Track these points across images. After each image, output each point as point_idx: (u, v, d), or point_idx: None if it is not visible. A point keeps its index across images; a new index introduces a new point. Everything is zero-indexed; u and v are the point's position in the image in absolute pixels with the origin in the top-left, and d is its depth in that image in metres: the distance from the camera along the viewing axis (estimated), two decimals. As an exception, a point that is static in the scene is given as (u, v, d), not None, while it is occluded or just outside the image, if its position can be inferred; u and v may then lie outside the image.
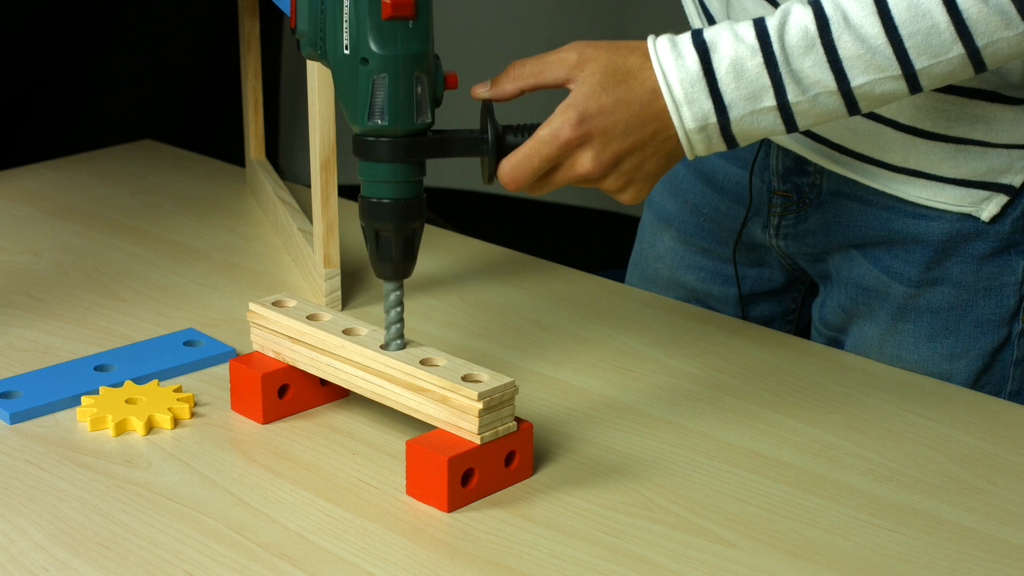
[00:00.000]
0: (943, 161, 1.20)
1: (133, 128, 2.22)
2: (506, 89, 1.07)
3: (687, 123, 1.04)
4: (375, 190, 1.05)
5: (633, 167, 1.06)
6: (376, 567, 0.95)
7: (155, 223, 1.54)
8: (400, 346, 1.06)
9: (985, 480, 1.06)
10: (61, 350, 1.24)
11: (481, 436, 1.00)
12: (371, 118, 1.03)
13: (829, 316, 1.34)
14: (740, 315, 1.40)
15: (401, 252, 1.06)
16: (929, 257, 1.24)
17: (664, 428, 1.13)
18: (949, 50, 1.02)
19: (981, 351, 1.25)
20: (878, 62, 1.03)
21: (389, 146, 1.04)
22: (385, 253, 1.06)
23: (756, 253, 1.38)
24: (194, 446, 1.09)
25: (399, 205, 1.04)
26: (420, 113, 1.03)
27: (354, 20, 1.01)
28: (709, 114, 1.04)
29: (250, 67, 1.59)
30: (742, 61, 1.03)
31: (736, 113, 1.04)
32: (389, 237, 1.05)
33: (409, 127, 1.03)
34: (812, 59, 1.03)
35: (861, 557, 0.97)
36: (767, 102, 1.04)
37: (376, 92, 1.02)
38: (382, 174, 1.04)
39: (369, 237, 1.06)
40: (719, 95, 1.03)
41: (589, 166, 1.04)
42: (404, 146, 1.04)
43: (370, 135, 1.03)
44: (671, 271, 1.43)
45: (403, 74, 1.02)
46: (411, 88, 1.02)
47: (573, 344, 1.27)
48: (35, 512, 1.00)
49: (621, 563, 0.95)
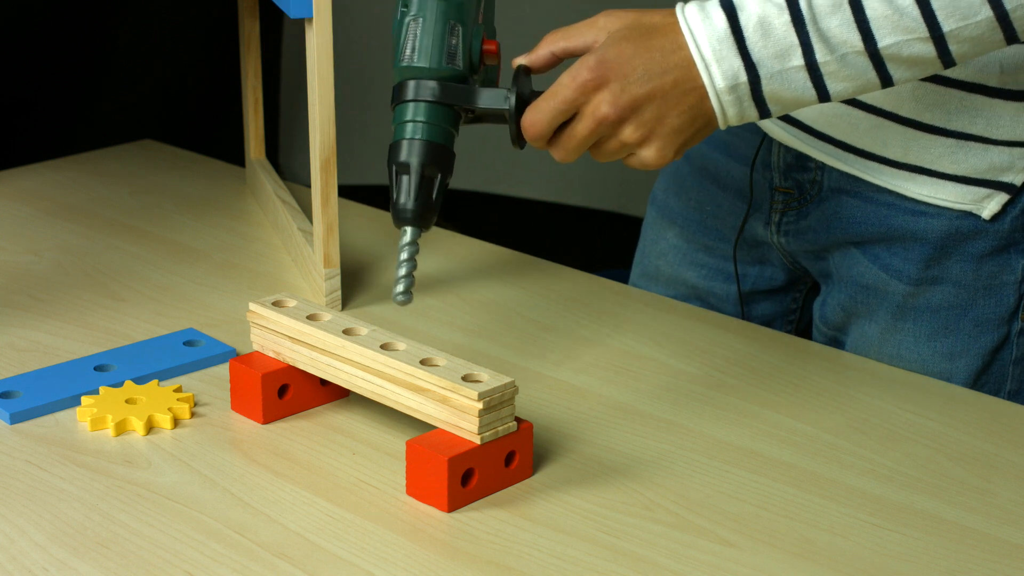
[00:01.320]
0: (944, 156, 1.20)
1: (133, 128, 2.22)
2: (540, 54, 1.09)
3: (717, 82, 1.04)
4: (401, 131, 1.06)
5: (654, 117, 1.05)
6: (376, 567, 0.95)
7: (155, 223, 1.54)
8: (405, 300, 1.06)
9: (985, 480, 1.06)
10: (61, 350, 1.24)
11: (481, 436, 1.00)
12: (403, 59, 1.05)
13: (829, 315, 1.34)
14: (740, 313, 1.40)
15: (417, 189, 1.06)
16: (928, 255, 1.24)
17: (664, 428, 1.13)
18: (977, 12, 1.02)
19: (981, 350, 1.25)
20: (905, 23, 1.02)
21: (416, 84, 1.05)
22: (403, 192, 1.06)
23: (758, 251, 1.38)
24: (194, 446, 1.09)
25: (423, 144, 1.06)
26: (451, 59, 1.05)
27: None
28: (739, 72, 1.04)
29: (250, 67, 1.59)
30: (769, 19, 1.03)
31: (765, 71, 1.04)
32: (408, 177, 1.06)
33: (438, 70, 1.05)
34: (839, 19, 1.03)
35: (861, 557, 0.97)
36: (795, 61, 1.04)
37: (410, 32, 1.06)
38: (408, 113, 1.06)
39: (391, 180, 1.07)
40: (747, 52, 1.04)
41: (606, 109, 1.04)
42: (430, 87, 1.05)
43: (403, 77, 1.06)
44: (673, 268, 1.43)
45: (438, 18, 1.05)
46: (444, 33, 1.05)
47: (573, 344, 1.27)
48: (35, 512, 1.00)
49: (621, 563, 0.95)
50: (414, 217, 1.07)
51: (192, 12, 2.74)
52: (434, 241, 1.49)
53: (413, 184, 1.05)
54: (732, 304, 1.41)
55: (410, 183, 1.05)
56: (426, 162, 1.06)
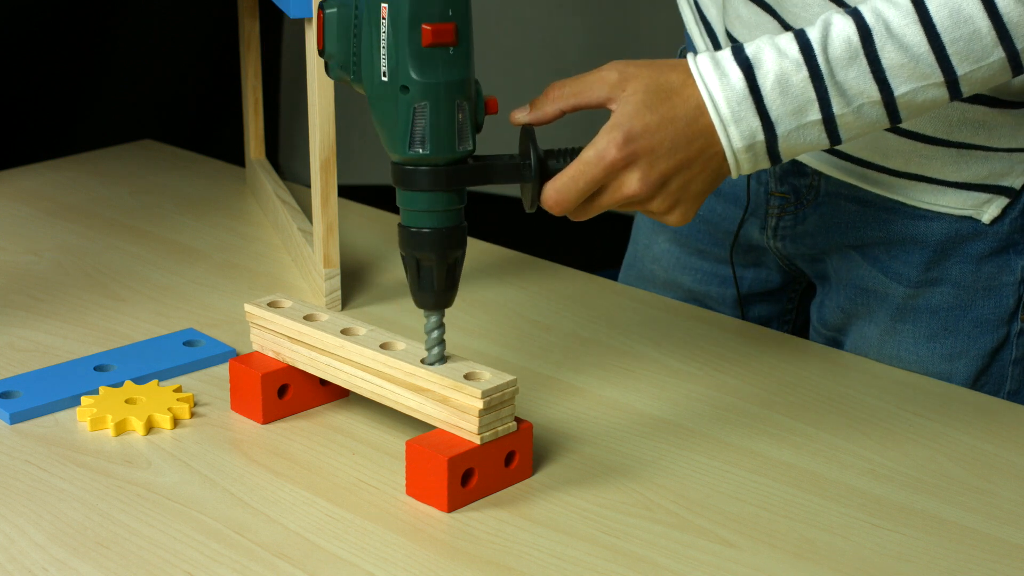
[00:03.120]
0: (945, 166, 1.20)
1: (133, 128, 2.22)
2: (546, 112, 1.05)
3: (735, 142, 1.03)
4: (416, 219, 1.02)
5: (680, 186, 1.04)
6: (376, 567, 0.95)
7: (155, 223, 1.54)
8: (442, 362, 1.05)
9: (985, 480, 1.06)
10: (61, 350, 1.24)
11: (481, 436, 1.00)
12: (412, 147, 1.00)
13: (828, 316, 1.33)
14: (739, 316, 1.40)
15: (443, 282, 1.03)
16: (928, 257, 1.24)
17: (664, 428, 1.13)
18: (990, 55, 1.01)
19: (980, 351, 1.25)
20: (921, 70, 1.02)
21: (430, 175, 1.01)
22: (426, 283, 1.03)
23: (753, 254, 1.38)
24: (194, 446, 1.09)
25: (441, 234, 1.02)
26: (462, 141, 1.00)
27: (392, 46, 0.99)
28: (757, 132, 1.03)
29: (250, 67, 1.59)
30: (787, 76, 1.02)
31: (783, 129, 1.03)
32: (431, 267, 1.03)
33: (451, 155, 1.00)
34: (856, 70, 1.02)
35: (861, 557, 0.97)
36: (812, 115, 1.03)
37: (417, 120, 1.00)
38: (423, 203, 1.01)
39: (410, 267, 1.03)
40: (766, 112, 1.02)
41: (636, 187, 1.02)
42: (445, 175, 1.01)
43: (410, 164, 1.01)
44: (667, 273, 1.43)
45: (444, 102, 0.99)
46: (453, 116, 1.00)
47: (573, 344, 1.27)
48: (35, 512, 1.00)
49: (621, 563, 0.95)
50: (440, 303, 1.05)
51: (192, 12, 2.74)
52: (434, 241, 1.49)
53: (437, 274, 1.03)
54: (729, 307, 1.41)
55: (433, 273, 1.03)
56: (448, 250, 1.03)
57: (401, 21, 0.97)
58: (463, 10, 0.98)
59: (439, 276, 1.03)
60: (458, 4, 0.98)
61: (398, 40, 0.98)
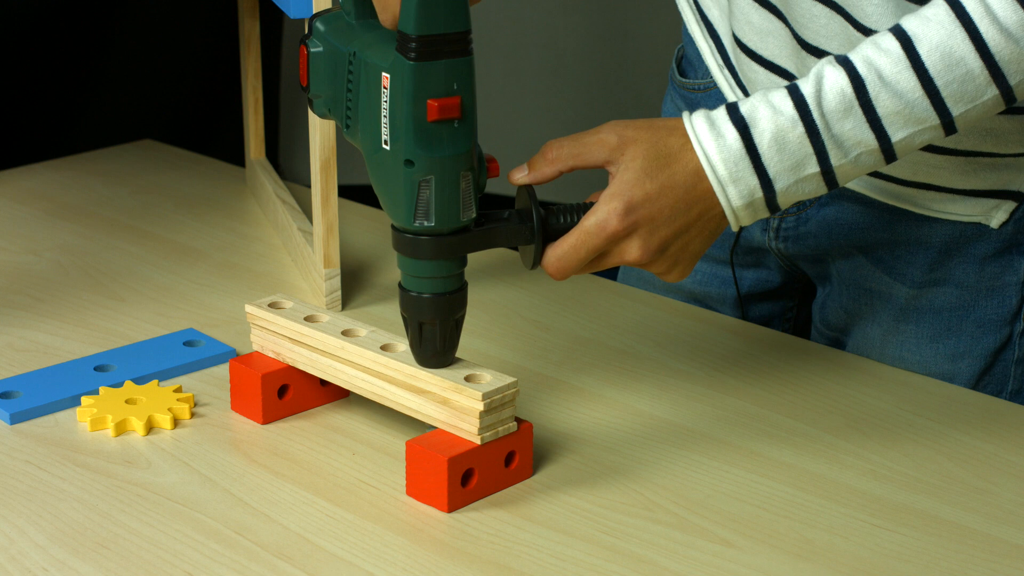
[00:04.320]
0: (953, 175, 1.20)
1: (133, 128, 2.22)
2: (545, 172, 1.05)
3: (734, 202, 1.03)
4: (418, 285, 1.02)
5: (679, 249, 1.05)
6: (376, 567, 0.95)
7: (155, 223, 1.54)
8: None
9: (985, 480, 1.06)
10: (61, 350, 1.24)
11: (481, 436, 1.00)
12: (416, 219, 0.99)
13: (831, 317, 1.33)
14: (739, 316, 1.40)
15: (445, 343, 1.03)
16: (932, 258, 1.24)
17: (664, 428, 1.13)
18: (984, 93, 1.01)
19: (983, 351, 1.24)
20: (917, 115, 1.01)
21: (434, 245, 1.00)
22: (428, 345, 1.03)
23: (753, 255, 1.37)
24: (194, 446, 1.09)
25: (443, 299, 1.02)
26: (466, 210, 1.00)
27: (395, 117, 0.97)
28: (755, 190, 1.03)
29: (250, 67, 1.59)
30: (783, 133, 1.02)
31: (781, 185, 1.03)
32: (433, 329, 1.02)
33: (455, 225, 1.00)
34: (852, 122, 1.02)
35: (861, 557, 0.97)
36: (810, 169, 1.03)
37: (421, 193, 0.99)
38: (426, 271, 1.01)
39: (412, 328, 1.03)
40: (764, 170, 1.02)
41: (637, 254, 1.03)
42: (449, 244, 1.00)
43: (412, 233, 1.00)
44: None
45: (449, 175, 0.98)
46: (457, 187, 0.99)
47: (573, 344, 1.27)
48: (35, 512, 1.00)
49: (621, 563, 0.95)
50: (443, 363, 1.04)
51: (192, 12, 2.74)
52: (434, 241, 1.49)
53: (440, 336, 1.03)
54: (729, 308, 1.40)
55: (436, 335, 1.02)
56: (450, 313, 1.02)
57: (405, 95, 0.96)
58: (467, 82, 0.97)
59: (441, 338, 1.03)
60: (462, 77, 0.96)
61: (401, 113, 0.97)
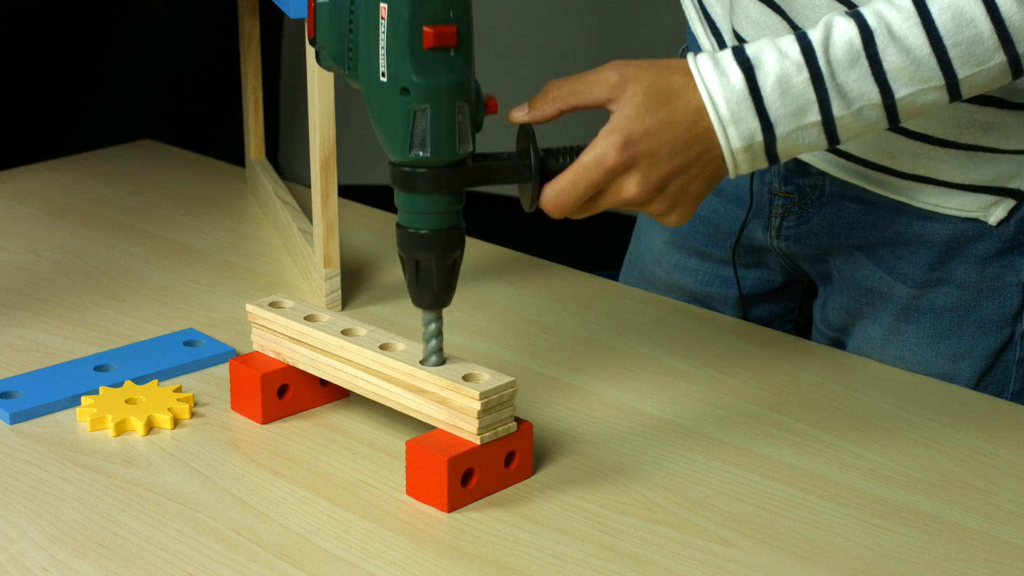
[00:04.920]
0: (952, 168, 1.20)
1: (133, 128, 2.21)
2: (545, 111, 1.04)
3: (733, 143, 1.03)
4: (414, 220, 1.02)
5: (679, 189, 1.04)
6: (376, 567, 0.95)
7: (155, 223, 1.54)
8: (440, 363, 1.05)
9: (985, 480, 1.06)
10: (61, 350, 1.24)
11: (481, 436, 1.00)
12: (412, 150, 0.99)
13: (831, 317, 1.33)
14: (740, 316, 1.40)
15: (442, 282, 1.03)
16: (933, 258, 1.24)
17: (664, 428, 1.13)
18: (991, 58, 1.01)
19: (984, 351, 1.24)
20: (922, 73, 1.02)
21: (430, 177, 1.00)
22: (425, 284, 1.03)
23: (755, 255, 1.37)
24: (194, 446, 1.09)
25: (440, 235, 1.02)
26: (462, 142, 1.00)
27: (392, 48, 0.97)
28: (756, 133, 1.03)
29: (250, 67, 1.59)
30: (788, 77, 1.02)
31: (782, 130, 1.03)
32: (430, 268, 1.02)
33: (451, 157, 1.00)
34: (857, 73, 1.02)
35: (861, 557, 0.97)
36: (812, 117, 1.03)
37: (417, 123, 0.99)
38: (422, 205, 1.01)
39: (408, 267, 1.03)
40: (765, 113, 1.02)
41: (635, 191, 1.03)
42: (446, 177, 1.00)
43: (409, 166, 1.00)
44: (668, 275, 1.42)
45: (445, 104, 0.98)
46: (453, 118, 0.99)
47: (573, 344, 1.27)
48: (35, 512, 1.00)
49: (621, 563, 0.95)
50: (439, 303, 1.04)
51: (192, 12, 2.74)
52: (434, 241, 1.49)
53: (436, 275, 1.03)
54: (730, 307, 1.40)
55: (432, 274, 1.03)
56: (447, 251, 1.03)
57: (401, 23, 0.97)
58: (464, 11, 0.97)
59: (438, 277, 1.03)
60: (459, 5, 0.97)
61: (398, 42, 0.97)
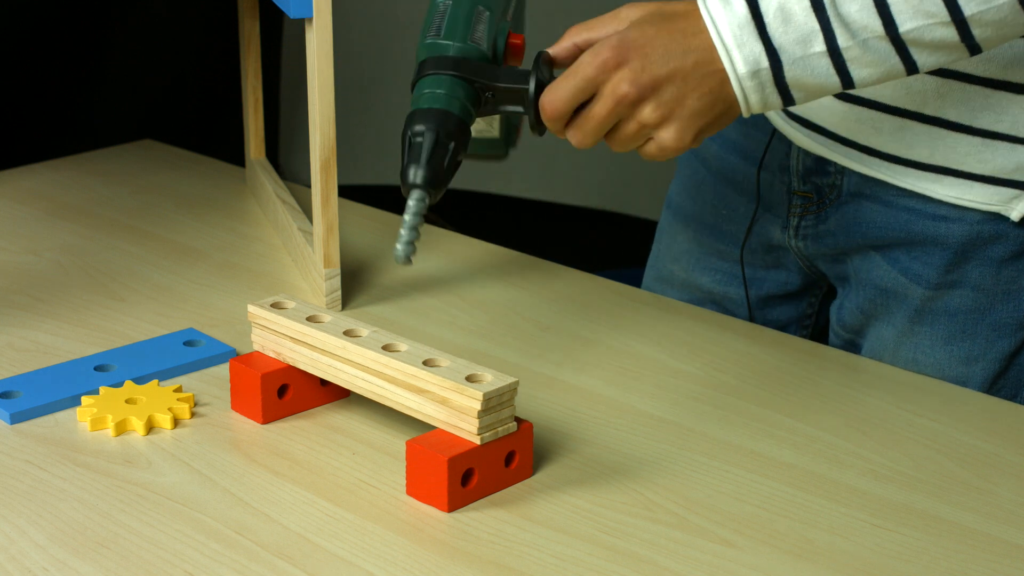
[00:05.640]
0: (970, 155, 1.19)
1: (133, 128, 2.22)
2: (562, 45, 1.11)
3: (739, 68, 1.03)
4: (418, 101, 1.08)
5: (674, 98, 1.05)
6: (376, 567, 0.95)
7: (155, 223, 1.54)
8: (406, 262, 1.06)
9: (985, 480, 1.06)
10: (61, 350, 1.24)
11: (481, 436, 1.00)
12: (428, 36, 1.09)
13: (847, 318, 1.33)
14: (750, 317, 1.40)
15: (431, 156, 1.06)
16: (949, 259, 1.23)
17: (664, 428, 1.13)
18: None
19: (998, 355, 1.24)
20: (926, 7, 1.01)
21: (437, 59, 1.08)
22: (415, 156, 1.06)
23: (773, 255, 1.37)
24: (194, 446, 1.09)
25: (439, 113, 1.07)
26: (475, 38, 1.08)
27: None
28: (760, 57, 1.03)
29: (250, 67, 1.59)
30: (789, 5, 1.03)
31: (787, 56, 1.03)
32: (421, 141, 1.06)
33: (462, 46, 1.08)
34: (858, 4, 1.02)
35: (861, 557, 0.97)
36: (817, 47, 1.03)
37: (437, 14, 1.10)
38: (427, 85, 1.08)
39: (403, 148, 1.07)
40: (768, 38, 1.03)
41: (626, 87, 1.04)
42: (452, 60, 1.08)
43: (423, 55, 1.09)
44: (687, 272, 1.43)
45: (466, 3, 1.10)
46: (471, 16, 1.09)
47: (573, 344, 1.27)
48: (35, 512, 1.00)
49: (621, 563, 0.95)
50: (424, 183, 1.06)
51: (192, 12, 2.74)
52: (433, 241, 1.49)
53: (425, 150, 1.05)
54: (747, 309, 1.40)
55: (422, 149, 1.05)
56: (441, 130, 1.06)
57: None
58: None
59: (428, 149, 1.06)
60: None
61: None
